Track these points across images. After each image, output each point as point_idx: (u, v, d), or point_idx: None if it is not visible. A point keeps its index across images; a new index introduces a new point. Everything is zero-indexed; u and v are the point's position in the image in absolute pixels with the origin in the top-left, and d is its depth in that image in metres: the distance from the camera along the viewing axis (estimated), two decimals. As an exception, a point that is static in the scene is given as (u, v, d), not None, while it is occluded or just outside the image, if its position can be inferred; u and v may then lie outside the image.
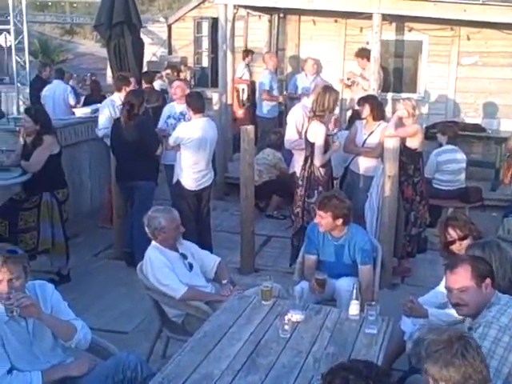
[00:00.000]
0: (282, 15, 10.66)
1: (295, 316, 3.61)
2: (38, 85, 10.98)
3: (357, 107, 7.05)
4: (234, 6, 9.05)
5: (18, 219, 5.64)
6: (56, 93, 9.98)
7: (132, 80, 7.04)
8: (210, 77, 16.06)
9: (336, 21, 9.95)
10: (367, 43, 9.22)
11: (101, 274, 6.25)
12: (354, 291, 3.79)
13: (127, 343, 4.62)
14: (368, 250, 4.57)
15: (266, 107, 9.55)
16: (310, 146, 5.92)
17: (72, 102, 10.08)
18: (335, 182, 6.55)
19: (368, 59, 8.70)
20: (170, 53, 16.72)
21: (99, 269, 6.39)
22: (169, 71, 9.85)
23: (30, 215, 5.69)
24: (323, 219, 4.49)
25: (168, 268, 4.13)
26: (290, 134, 6.81)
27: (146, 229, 4.32)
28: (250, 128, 6.17)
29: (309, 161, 5.96)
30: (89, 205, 7.57)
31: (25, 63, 14.67)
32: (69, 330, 3.28)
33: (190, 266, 4.33)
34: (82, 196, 7.38)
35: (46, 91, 10.08)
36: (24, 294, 3.10)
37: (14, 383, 3.06)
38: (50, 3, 32.31)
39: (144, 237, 6.23)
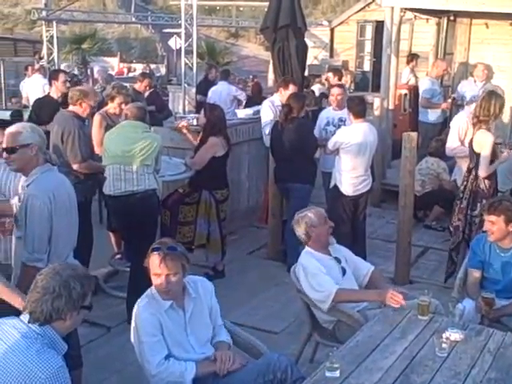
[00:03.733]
0: (451, 18, 10.22)
1: (454, 335, 3.41)
2: (204, 86, 11.48)
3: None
4: (401, 9, 8.81)
5: (179, 212, 5.91)
6: (222, 93, 10.33)
7: (292, 87, 7.03)
8: (370, 81, 15.83)
9: (511, 24, 9.35)
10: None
11: (254, 272, 6.37)
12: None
13: (276, 344, 4.65)
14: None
15: (430, 113, 9.19)
16: (476, 156, 5.59)
17: (242, 97, 10.27)
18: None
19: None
20: (331, 56, 16.69)
21: (252, 267, 6.51)
22: (330, 74, 9.81)
23: (190, 210, 5.94)
24: (494, 225, 4.19)
25: (322, 272, 4.07)
26: (452, 141, 6.55)
27: (297, 233, 4.28)
28: (413, 135, 5.97)
29: (473, 172, 5.64)
30: (246, 204, 7.74)
31: (192, 65, 15.38)
32: None
33: (343, 271, 4.24)
34: (240, 195, 7.56)
35: (212, 92, 10.48)
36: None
37: (171, 369, 3.20)
38: (217, 7, 33.77)
39: (296, 239, 6.33)
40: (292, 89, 6.80)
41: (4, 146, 3.48)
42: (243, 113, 8.20)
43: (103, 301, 5.42)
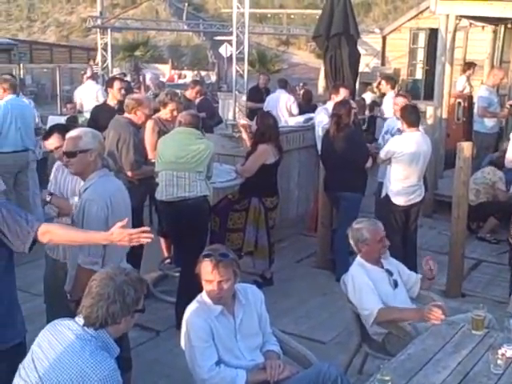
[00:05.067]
0: (509, 26, 9.99)
1: (510, 351, 3.31)
2: (254, 93, 11.50)
3: None
4: (457, 17, 8.66)
5: (228, 218, 5.93)
6: (280, 102, 10.28)
7: (343, 91, 7.00)
8: (423, 89, 15.63)
9: None
10: None
11: (302, 280, 6.34)
12: None
13: (324, 353, 4.60)
14: None
15: (487, 123, 8.99)
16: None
17: (295, 111, 10.22)
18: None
19: None
20: (382, 64, 16.57)
21: (301, 276, 6.48)
22: (383, 82, 9.70)
23: (239, 217, 5.95)
24: None
25: (369, 288, 4.01)
26: (512, 153, 6.36)
27: (350, 241, 4.26)
28: (468, 145, 5.85)
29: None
30: (295, 212, 7.71)
31: (243, 72, 15.47)
32: None
33: (395, 284, 4.19)
34: (289, 203, 7.54)
35: (269, 100, 10.46)
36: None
37: (222, 375, 3.21)
38: (269, 15, 33.90)
39: (346, 248, 6.27)
40: (343, 93, 6.76)
41: (64, 149, 3.56)
42: (294, 120, 8.20)
43: (152, 305, 5.46)
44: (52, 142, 4.18)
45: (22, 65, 20.45)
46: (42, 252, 4.13)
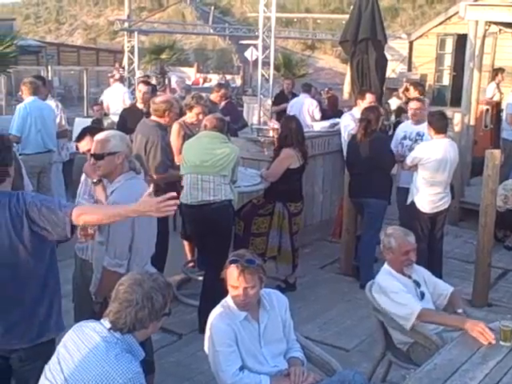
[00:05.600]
0: (539, 32, 9.87)
1: (539, 364, 3.25)
2: (280, 98, 11.47)
3: None
4: (486, 23, 8.57)
5: (252, 223, 5.92)
6: (303, 107, 10.26)
7: (369, 96, 6.96)
8: (449, 96, 15.49)
9: None
10: None
11: (326, 287, 6.30)
12: None
13: (347, 361, 4.57)
14: None
15: (515, 130, 8.87)
16: None
17: (317, 116, 10.19)
18: None
19: None
20: (409, 69, 16.46)
21: (324, 281, 6.44)
22: (411, 88, 9.59)
23: (263, 221, 5.94)
24: None
25: (403, 291, 3.96)
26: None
27: (381, 244, 4.22)
28: (496, 153, 5.77)
29: None
30: (319, 217, 7.68)
31: (269, 76, 15.45)
32: None
33: (422, 295, 4.12)
34: (313, 208, 7.51)
35: (293, 104, 10.45)
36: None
37: (246, 380, 3.19)
38: (295, 19, 33.92)
39: (371, 255, 6.24)
40: (369, 98, 6.72)
41: (92, 152, 3.58)
42: (319, 125, 8.16)
43: (175, 308, 5.46)
44: (84, 144, 4.20)
45: (50, 67, 20.67)
46: (70, 252, 4.16)
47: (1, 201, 2.87)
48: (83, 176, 4.13)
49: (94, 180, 3.77)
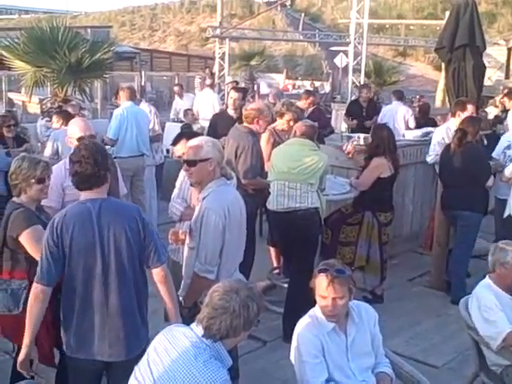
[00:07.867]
0: None
1: None
2: (353, 107, 11.08)
3: None
4: None
5: (340, 232, 5.83)
6: (396, 114, 10.02)
7: (471, 107, 6.64)
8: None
9: None
10: None
11: (414, 300, 6.12)
12: None
13: (436, 379, 4.39)
14: None
15: None
16: None
17: (412, 125, 9.92)
18: None
19: None
20: (506, 77, 15.83)
21: (413, 295, 6.26)
22: (506, 100, 9.18)
23: (352, 231, 5.84)
24: None
25: (497, 307, 3.78)
26: None
27: (489, 257, 4.03)
28: None
29: None
30: (408, 228, 7.47)
31: (359, 83, 15.28)
32: None
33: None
34: (403, 219, 7.31)
35: (386, 113, 10.22)
36: None
37: (330, 395, 3.12)
38: (387, 26, 33.43)
39: (464, 270, 6.00)
40: (470, 109, 6.41)
41: (185, 158, 3.62)
42: (411, 134, 7.95)
43: (260, 314, 5.46)
44: (179, 148, 4.27)
45: (143, 72, 21.33)
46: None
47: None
48: (178, 181, 4.19)
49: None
